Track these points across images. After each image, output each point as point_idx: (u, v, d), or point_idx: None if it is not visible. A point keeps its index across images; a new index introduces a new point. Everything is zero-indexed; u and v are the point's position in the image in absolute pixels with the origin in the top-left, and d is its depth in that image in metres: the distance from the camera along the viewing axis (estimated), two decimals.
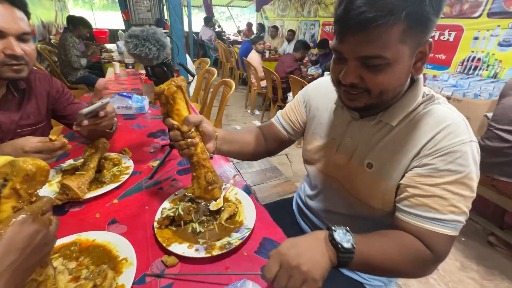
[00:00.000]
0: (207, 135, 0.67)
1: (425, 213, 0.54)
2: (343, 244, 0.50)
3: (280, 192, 2.13)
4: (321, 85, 0.80)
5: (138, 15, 6.19)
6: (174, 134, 0.64)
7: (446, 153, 0.53)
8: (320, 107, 0.78)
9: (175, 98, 0.63)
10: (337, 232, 0.51)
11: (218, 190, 0.67)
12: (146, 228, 0.68)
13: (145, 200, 0.78)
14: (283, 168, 2.56)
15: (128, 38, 0.71)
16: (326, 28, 5.53)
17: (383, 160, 0.62)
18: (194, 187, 0.67)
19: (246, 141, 0.83)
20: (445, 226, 0.53)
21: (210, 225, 0.69)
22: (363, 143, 0.66)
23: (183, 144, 0.63)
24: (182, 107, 0.64)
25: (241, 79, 5.48)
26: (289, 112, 0.85)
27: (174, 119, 0.64)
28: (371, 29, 0.46)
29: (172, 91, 0.62)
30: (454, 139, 0.53)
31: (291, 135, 0.85)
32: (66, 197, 0.72)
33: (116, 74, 2.46)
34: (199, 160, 0.65)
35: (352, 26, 0.48)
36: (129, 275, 0.53)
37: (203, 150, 0.66)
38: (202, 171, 0.65)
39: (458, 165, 0.52)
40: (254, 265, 0.60)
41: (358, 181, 0.67)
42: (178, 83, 0.63)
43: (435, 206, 0.53)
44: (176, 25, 1.77)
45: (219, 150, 0.74)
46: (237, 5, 9.82)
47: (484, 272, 1.58)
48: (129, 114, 1.39)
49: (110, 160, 0.91)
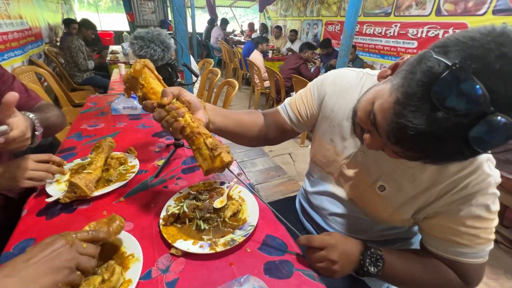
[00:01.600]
0: (192, 103, 0.60)
1: (455, 248, 0.55)
2: (369, 269, 0.57)
3: (283, 191, 2.14)
4: (340, 80, 0.72)
5: (143, 16, 6.25)
6: (157, 113, 0.57)
7: (470, 193, 0.52)
8: (336, 108, 0.71)
9: (146, 78, 0.59)
10: (370, 254, 0.59)
11: (225, 153, 0.59)
12: (152, 226, 0.70)
13: (151, 198, 0.80)
14: (286, 167, 2.56)
15: (134, 39, 0.72)
16: (329, 28, 5.52)
17: (398, 187, 0.61)
18: (200, 162, 0.60)
19: (244, 122, 0.75)
20: (476, 256, 0.55)
21: (214, 222, 0.70)
22: (377, 163, 0.64)
23: (169, 119, 0.56)
24: (156, 85, 0.60)
25: (244, 79, 5.50)
26: (299, 103, 0.78)
27: (152, 100, 0.59)
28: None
29: (138, 69, 0.58)
30: (478, 179, 0.52)
31: (295, 126, 0.80)
32: (74, 195, 0.74)
33: (121, 75, 2.49)
34: (192, 130, 0.57)
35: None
36: (135, 270, 0.55)
37: (193, 118, 0.58)
38: (200, 140, 0.58)
39: (482, 205, 0.52)
40: (257, 261, 0.61)
41: (367, 199, 0.68)
42: (143, 62, 0.59)
43: (464, 242, 0.54)
44: (179, 26, 1.78)
45: (213, 123, 0.66)
46: (240, 6, 9.83)
47: (489, 271, 1.56)
48: (134, 114, 1.42)
49: (116, 159, 0.93)
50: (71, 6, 6.35)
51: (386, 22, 4.12)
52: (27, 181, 0.70)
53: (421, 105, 0.36)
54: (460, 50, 0.35)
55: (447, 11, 3.26)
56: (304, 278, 0.58)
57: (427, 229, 0.60)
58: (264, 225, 0.72)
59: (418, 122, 0.37)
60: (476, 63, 0.33)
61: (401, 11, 3.86)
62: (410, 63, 0.40)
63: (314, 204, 0.85)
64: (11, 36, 2.43)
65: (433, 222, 0.58)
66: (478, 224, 0.53)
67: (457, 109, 0.34)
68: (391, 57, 4.14)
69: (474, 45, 0.34)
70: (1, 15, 2.29)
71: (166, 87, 0.61)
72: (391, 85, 0.43)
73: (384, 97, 0.43)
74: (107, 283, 0.49)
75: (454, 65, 0.34)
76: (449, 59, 0.35)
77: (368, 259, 0.58)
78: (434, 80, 0.35)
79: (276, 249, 0.65)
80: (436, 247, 0.58)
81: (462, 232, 0.54)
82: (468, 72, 0.33)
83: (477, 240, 0.53)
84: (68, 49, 2.95)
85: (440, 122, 0.35)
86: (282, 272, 0.59)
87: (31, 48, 2.96)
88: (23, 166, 0.71)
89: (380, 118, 0.43)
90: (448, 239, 0.56)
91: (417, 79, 0.37)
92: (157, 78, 0.61)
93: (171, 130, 0.57)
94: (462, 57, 0.34)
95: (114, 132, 1.21)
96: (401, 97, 0.39)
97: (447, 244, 0.56)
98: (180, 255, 0.61)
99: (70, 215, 0.72)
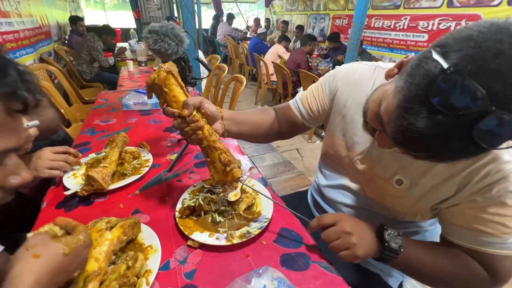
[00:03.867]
0: (211, 115, 0.61)
1: (479, 237, 0.52)
2: (390, 244, 0.55)
3: (293, 186, 2.14)
4: (352, 74, 0.71)
5: (149, 13, 6.26)
6: (177, 122, 0.59)
7: (492, 182, 0.50)
8: (348, 103, 0.70)
9: (168, 85, 0.59)
10: (388, 232, 0.56)
11: (237, 169, 0.62)
12: (168, 218, 0.71)
13: (165, 191, 0.81)
14: (294, 163, 2.56)
15: (148, 33, 0.73)
16: (336, 22, 5.44)
17: (415, 179, 0.60)
18: (212, 173, 0.64)
19: (258, 122, 0.77)
20: (503, 247, 0.51)
21: (229, 215, 0.71)
22: (393, 157, 0.62)
23: (188, 131, 0.58)
24: (178, 92, 0.61)
25: (251, 75, 5.48)
26: (310, 99, 0.78)
27: (173, 107, 0.60)
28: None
29: (163, 78, 0.58)
30: (499, 166, 0.50)
31: (307, 122, 0.80)
32: (92, 188, 0.75)
33: (129, 72, 2.51)
34: (209, 144, 0.61)
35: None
36: (155, 260, 0.56)
37: (210, 132, 0.61)
38: (215, 154, 0.61)
39: (506, 191, 0.50)
40: (274, 253, 0.62)
41: (385, 194, 0.66)
42: (167, 69, 0.59)
43: (488, 230, 0.51)
44: (188, 22, 1.78)
45: (228, 132, 0.69)
46: (246, 1, 9.76)
47: None
48: (145, 110, 1.43)
49: (130, 153, 0.94)
50: (79, 4, 6.41)
51: (395, 15, 4.03)
52: (47, 171, 0.74)
53: (422, 108, 0.37)
54: (458, 50, 0.35)
55: (460, 2, 3.17)
56: (321, 270, 0.58)
57: (449, 218, 0.57)
58: (279, 218, 0.72)
59: (420, 125, 0.37)
60: (472, 64, 0.33)
61: (411, 3, 3.77)
62: (411, 65, 0.41)
63: (327, 197, 0.84)
64: (22, 34, 2.47)
65: (456, 210, 0.56)
66: (503, 212, 0.50)
67: (456, 110, 0.34)
68: (400, 50, 4.06)
69: (470, 45, 0.34)
70: (12, 14, 2.32)
71: (188, 96, 0.62)
72: (394, 86, 0.43)
73: (389, 99, 0.43)
74: (131, 269, 0.50)
75: (448, 68, 0.34)
76: (446, 60, 0.35)
77: (387, 235, 0.56)
78: (431, 84, 0.35)
79: (292, 241, 0.65)
80: (459, 237, 0.55)
81: (486, 220, 0.51)
82: (463, 75, 0.33)
83: (503, 229, 0.51)
84: (88, 48, 3.07)
85: (442, 123, 0.36)
86: (298, 264, 0.59)
87: (41, 46, 3.00)
88: (43, 157, 0.74)
89: (386, 120, 0.44)
90: (472, 227, 0.53)
91: (416, 83, 0.37)
92: (179, 86, 0.62)
93: (189, 140, 0.61)
94: (459, 58, 0.34)
95: (126, 127, 1.23)
96: (403, 101, 0.39)
97: (471, 234, 0.53)
98: (197, 247, 0.62)
99: (88, 207, 0.74)
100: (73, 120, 2.00)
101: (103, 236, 0.53)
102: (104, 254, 0.50)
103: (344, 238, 0.56)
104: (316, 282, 0.55)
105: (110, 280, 0.48)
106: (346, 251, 0.56)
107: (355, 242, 0.55)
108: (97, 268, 0.47)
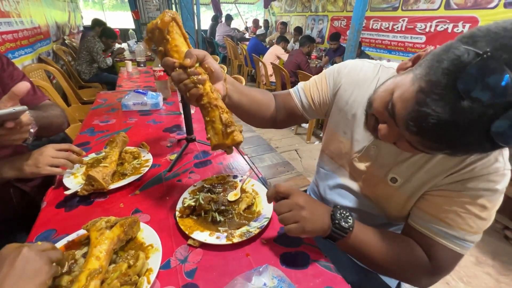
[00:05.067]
0: (214, 72, 0.57)
1: (436, 225, 0.54)
2: (340, 222, 0.56)
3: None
4: (357, 71, 0.71)
5: (148, 14, 6.26)
6: (177, 73, 0.53)
7: (475, 176, 0.51)
8: (351, 101, 0.70)
9: (171, 33, 0.54)
10: (340, 212, 0.57)
11: (238, 133, 0.57)
12: (168, 217, 0.71)
13: (165, 191, 0.81)
14: (293, 163, 2.57)
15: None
16: (335, 23, 5.47)
17: (409, 177, 0.61)
18: (210, 135, 0.58)
19: (257, 99, 0.72)
20: (454, 242, 0.53)
21: (229, 215, 0.71)
22: (389, 156, 0.64)
23: (188, 83, 0.53)
24: (181, 42, 0.56)
25: (250, 75, 5.49)
26: (313, 90, 0.76)
27: (173, 57, 0.55)
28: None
29: (167, 21, 0.53)
30: (487, 163, 0.51)
31: (306, 112, 0.78)
32: (92, 188, 0.75)
33: (128, 73, 2.51)
34: (210, 100, 0.55)
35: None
36: (156, 259, 0.56)
37: (212, 89, 0.56)
38: (216, 113, 0.56)
39: (483, 189, 0.51)
40: (274, 252, 0.62)
41: (380, 192, 0.67)
42: (172, 15, 0.54)
43: (448, 221, 0.53)
44: (187, 22, 1.79)
45: (230, 98, 0.63)
46: (245, 2, 9.78)
47: (500, 267, 1.55)
48: (144, 110, 1.43)
49: (130, 153, 0.94)
50: (77, 4, 6.39)
51: (393, 17, 4.06)
52: (49, 168, 0.73)
53: (446, 94, 0.36)
54: (491, 40, 0.34)
55: (457, 4, 3.20)
56: (321, 268, 0.59)
57: (419, 202, 0.59)
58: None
59: (441, 111, 0.36)
60: (508, 53, 0.32)
61: (409, 5, 3.80)
62: (436, 53, 0.40)
63: (325, 197, 0.85)
64: (21, 34, 2.46)
65: (427, 196, 0.57)
66: (471, 208, 0.52)
67: (484, 99, 0.33)
68: (398, 52, 4.09)
69: (506, 35, 0.33)
70: (12, 14, 2.31)
71: (191, 47, 0.57)
72: (413, 75, 0.42)
73: (405, 87, 0.43)
74: (133, 268, 0.50)
75: (485, 53, 0.33)
76: (479, 48, 0.34)
77: (338, 214, 0.57)
78: (462, 69, 0.34)
79: (292, 240, 0.65)
80: (419, 222, 0.57)
81: (451, 211, 0.53)
82: (499, 62, 0.32)
83: (462, 225, 0.52)
84: (87, 49, 3.09)
85: (464, 112, 0.35)
86: (298, 262, 0.60)
87: (40, 46, 2.99)
88: (45, 154, 0.74)
89: (399, 107, 0.43)
90: (434, 214, 0.55)
91: (444, 67, 0.36)
92: (183, 36, 0.57)
93: (188, 95, 0.54)
94: (493, 47, 0.33)
95: (125, 127, 1.23)
96: (425, 86, 0.39)
97: (431, 220, 0.55)
98: (197, 246, 0.62)
99: (88, 207, 0.74)
100: (71, 120, 1.99)
101: (103, 235, 0.53)
102: (105, 253, 0.50)
103: (295, 212, 0.55)
104: (316, 281, 0.56)
105: (112, 278, 0.49)
106: (295, 224, 0.55)
107: (306, 216, 0.55)
108: (98, 266, 0.48)
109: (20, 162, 0.72)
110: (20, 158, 0.72)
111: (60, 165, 0.75)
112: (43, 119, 0.79)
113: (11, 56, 2.15)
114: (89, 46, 3.09)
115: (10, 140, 0.62)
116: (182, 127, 1.24)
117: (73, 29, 5.22)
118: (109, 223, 0.57)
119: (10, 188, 0.84)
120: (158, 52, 0.57)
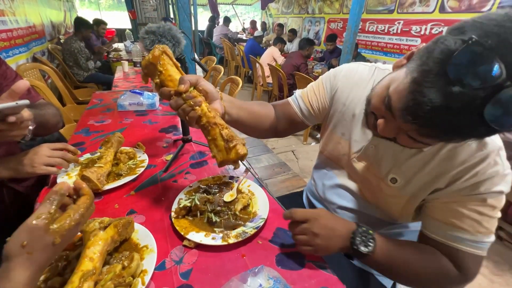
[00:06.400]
0: (209, 93, 0.59)
1: (455, 232, 0.54)
2: (359, 248, 0.56)
3: (289, 187, 2.15)
4: (352, 74, 0.72)
5: (145, 14, 6.24)
6: (174, 100, 0.56)
7: (479, 181, 0.52)
8: (348, 102, 0.71)
9: (163, 65, 0.58)
10: (361, 235, 0.57)
11: (240, 145, 0.57)
12: (164, 218, 0.71)
13: (161, 192, 0.81)
14: (290, 164, 2.57)
15: (145, 34, 0.73)
16: (331, 25, 5.50)
17: (409, 177, 0.61)
18: (214, 153, 0.60)
19: (256, 112, 0.74)
20: (475, 246, 0.53)
21: (225, 215, 0.71)
22: (388, 156, 0.64)
23: (186, 108, 0.55)
24: (174, 72, 0.59)
25: (247, 77, 5.50)
26: (310, 96, 0.78)
27: (169, 87, 0.58)
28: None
29: (157, 55, 0.57)
30: (487, 167, 0.52)
31: (306, 119, 0.79)
32: None
33: (125, 73, 2.50)
34: (208, 120, 0.57)
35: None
36: (150, 261, 0.55)
37: (209, 108, 0.58)
38: (216, 130, 0.57)
39: (489, 191, 0.52)
40: (269, 253, 0.62)
41: (379, 193, 0.67)
42: (162, 48, 0.58)
43: (465, 227, 0.53)
44: (184, 23, 1.79)
45: (229, 114, 0.65)
46: (242, 3, 9.81)
47: (494, 267, 1.57)
48: (140, 111, 1.42)
49: (125, 153, 0.94)
50: (73, 3, 6.34)
51: (389, 19, 4.10)
52: (44, 167, 0.72)
53: (437, 81, 0.37)
54: (476, 28, 0.36)
55: (451, 8, 3.25)
56: (316, 269, 0.59)
57: (430, 211, 0.59)
58: (275, 218, 0.73)
59: (434, 97, 0.38)
60: (492, 39, 0.34)
61: (405, 8, 3.84)
62: (426, 46, 0.42)
63: (322, 197, 0.85)
64: (16, 33, 2.43)
65: (438, 204, 0.57)
66: (483, 210, 0.52)
67: (473, 83, 0.35)
68: (394, 54, 4.12)
69: (491, 23, 0.35)
70: (6, 12, 2.29)
71: (184, 74, 0.60)
72: (406, 68, 0.44)
73: (400, 80, 0.44)
74: (127, 269, 0.50)
75: (470, 39, 0.35)
76: (466, 37, 0.36)
77: (358, 238, 0.57)
78: (450, 56, 0.36)
79: (287, 241, 0.65)
80: (436, 231, 0.57)
81: (465, 216, 0.53)
82: (484, 47, 0.34)
83: (478, 228, 0.53)
84: (67, 52, 3.02)
85: (456, 96, 0.36)
86: (294, 263, 0.60)
87: (34, 46, 2.95)
88: (40, 153, 0.73)
89: (395, 99, 0.45)
90: (449, 222, 0.55)
91: (434, 57, 0.38)
92: (175, 65, 0.60)
93: (187, 119, 0.57)
94: (478, 34, 0.35)
95: (121, 128, 1.22)
96: (417, 76, 0.40)
97: (448, 228, 0.55)
98: (193, 247, 0.62)
99: None
100: (66, 120, 1.97)
101: (97, 236, 0.52)
102: (99, 254, 0.50)
103: (310, 237, 0.57)
104: (311, 281, 0.56)
105: (106, 280, 0.48)
106: (308, 247, 0.58)
107: (319, 243, 0.57)
108: (92, 268, 0.47)
109: (15, 162, 0.71)
110: (15, 158, 0.72)
111: (56, 164, 0.75)
112: (40, 117, 0.78)
113: (4, 55, 2.12)
114: (68, 50, 3.02)
115: (10, 136, 0.61)
116: (178, 128, 1.24)
117: (69, 29, 5.17)
118: (102, 224, 0.56)
119: (3, 188, 0.83)
120: (155, 85, 0.60)
